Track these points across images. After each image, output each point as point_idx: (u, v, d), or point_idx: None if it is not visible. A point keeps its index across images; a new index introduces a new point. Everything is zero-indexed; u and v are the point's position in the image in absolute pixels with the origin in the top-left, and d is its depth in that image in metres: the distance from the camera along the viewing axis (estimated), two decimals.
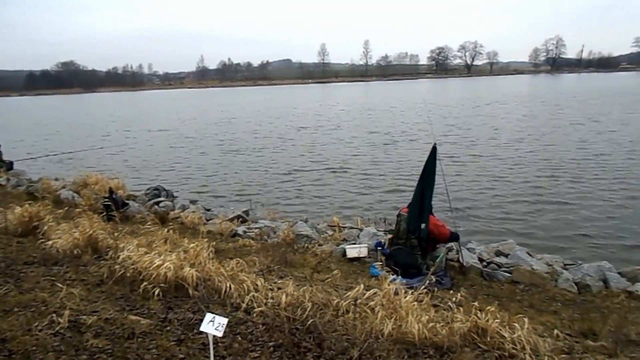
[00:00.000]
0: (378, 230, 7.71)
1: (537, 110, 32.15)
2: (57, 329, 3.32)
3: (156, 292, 4.13)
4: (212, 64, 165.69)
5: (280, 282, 4.73)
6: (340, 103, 48.83)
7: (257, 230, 8.11)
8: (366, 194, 12.25)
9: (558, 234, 8.88)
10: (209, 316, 2.90)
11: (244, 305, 3.98)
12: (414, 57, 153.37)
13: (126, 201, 9.66)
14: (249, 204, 11.10)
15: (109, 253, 5.06)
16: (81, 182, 11.76)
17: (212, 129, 28.93)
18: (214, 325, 2.84)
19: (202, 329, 2.89)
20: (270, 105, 49.20)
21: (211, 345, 2.94)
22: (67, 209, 7.92)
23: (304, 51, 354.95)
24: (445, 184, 6.64)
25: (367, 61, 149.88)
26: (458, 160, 15.69)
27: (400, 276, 5.46)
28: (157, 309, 3.96)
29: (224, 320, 2.88)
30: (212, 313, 3.02)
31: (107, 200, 8.78)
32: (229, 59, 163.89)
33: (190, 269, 4.35)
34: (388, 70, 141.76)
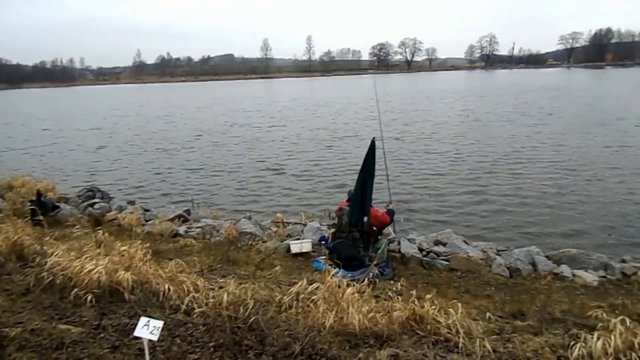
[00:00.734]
0: (322, 225, 7.77)
1: (474, 105, 33.66)
2: None
3: (89, 299, 3.91)
4: (150, 59, 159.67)
5: (222, 281, 4.63)
6: (285, 99, 48.65)
7: (199, 229, 7.92)
8: (310, 190, 12.30)
9: (492, 222, 9.35)
10: (143, 320, 2.79)
11: (184, 306, 3.86)
12: (356, 53, 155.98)
13: (57, 204, 9.09)
14: (191, 203, 10.81)
15: (36, 259, 4.74)
16: (5, 185, 10.94)
17: (151, 127, 27.83)
18: (148, 329, 2.73)
19: (136, 333, 2.78)
20: (212, 102, 48.14)
21: (146, 350, 2.83)
22: None
23: (247, 46, 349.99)
24: (387, 177, 6.79)
25: (311, 57, 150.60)
26: (400, 155, 16.11)
27: (343, 269, 5.53)
28: (90, 316, 3.76)
29: (159, 324, 2.78)
30: (149, 317, 2.91)
31: (34, 203, 8.21)
32: (168, 53, 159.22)
33: (125, 272, 4.16)
34: (331, 66, 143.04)
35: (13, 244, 5.09)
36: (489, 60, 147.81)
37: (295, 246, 6.62)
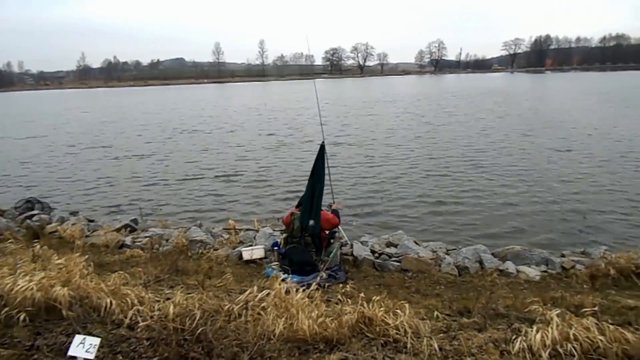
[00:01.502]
0: (274, 230, 7.71)
1: (425, 109, 34.63)
2: None
3: (21, 318, 3.66)
4: (96, 62, 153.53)
5: (169, 292, 4.47)
6: (237, 104, 48.08)
7: (147, 239, 7.63)
8: (263, 195, 12.17)
9: (443, 223, 9.59)
10: (78, 338, 2.64)
11: (127, 320, 3.68)
12: (309, 58, 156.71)
13: None
14: (139, 212, 10.42)
15: None
16: None
17: (95, 134, 26.48)
18: (84, 347, 2.59)
19: (71, 352, 2.62)
20: (162, 107, 46.75)
21: None
22: None
23: (198, 50, 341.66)
24: (329, 178, 6.80)
25: (264, 61, 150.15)
26: (352, 159, 16.31)
27: (294, 274, 5.50)
28: (23, 336, 3.51)
29: (96, 341, 2.64)
30: (89, 333, 2.76)
31: None
32: (115, 57, 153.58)
33: (63, 287, 3.93)
34: (285, 70, 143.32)
35: None
36: (438, 65, 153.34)
37: (246, 253, 6.52)
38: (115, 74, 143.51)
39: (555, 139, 18.80)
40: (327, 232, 6.34)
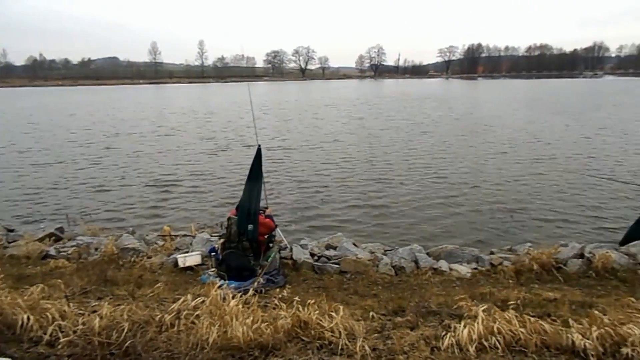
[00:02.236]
0: (212, 236, 7.52)
1: (365, 113, 35.36)
2: None
3: None
4: (19, 60, 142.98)
5: (96, 305, 4.22)
6: (174, 106, 46.60)
7: (74, 248, 7.16)
8: (200, 200, 11.85)
9: (380, 224, 9.83)
10: None
11: (47, 337, 3.43)
12: (250, 60, 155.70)
13: None
14: (65, 219, 9.78)
15: None
16: None
17: (16, 137, 24.51)
18: None
19: None
20: (91, 108, 44.22)
21: None
22: None
23: (133, 49, 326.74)
24: (263, 183, 6.76)
25: (203, 62, 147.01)
26: (291, 163, 16.32)
27: (232, 280, 5.39)
28: None
29: None
30: (2, 354, 2.53)
31: None
32: (41, 54, 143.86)
33: None
34: (225, 72, 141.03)
35: None
36: (378, 70, 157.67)
37: (181, 260, 6.30)
38: (42, 73, 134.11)
39: (487, 142, 19.91)
40: (266, 237, 6.27)
